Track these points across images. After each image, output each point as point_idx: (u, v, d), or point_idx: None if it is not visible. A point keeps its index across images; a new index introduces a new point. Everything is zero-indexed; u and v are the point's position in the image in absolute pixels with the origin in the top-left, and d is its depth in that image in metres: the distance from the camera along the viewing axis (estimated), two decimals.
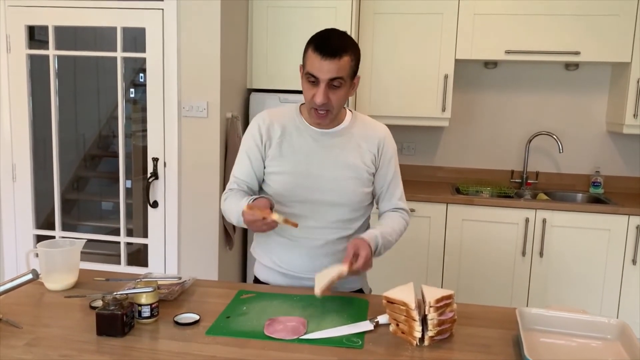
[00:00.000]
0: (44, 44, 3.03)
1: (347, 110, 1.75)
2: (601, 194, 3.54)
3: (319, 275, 1.50)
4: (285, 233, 1.69)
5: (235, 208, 1.60)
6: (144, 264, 3.09)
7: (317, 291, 1.45)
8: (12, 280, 1.34)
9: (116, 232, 3.13)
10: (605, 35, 3.23)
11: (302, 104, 1.73)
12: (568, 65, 3.61)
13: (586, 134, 3.68)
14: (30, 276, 1.33)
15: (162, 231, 3.01)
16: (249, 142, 1.71)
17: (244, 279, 3.46)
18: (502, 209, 3.22)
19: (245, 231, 3.44)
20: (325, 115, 1.60)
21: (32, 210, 3.15)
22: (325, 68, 1.52)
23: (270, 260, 1.74)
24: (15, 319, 1.37)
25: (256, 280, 1.81)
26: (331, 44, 1.53)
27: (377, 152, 1.71)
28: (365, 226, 1.77)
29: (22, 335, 1.30)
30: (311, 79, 1.56)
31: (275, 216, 1.44)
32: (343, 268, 1.47)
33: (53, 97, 3.03)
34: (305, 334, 1.34)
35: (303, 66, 1.61)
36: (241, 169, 1.72)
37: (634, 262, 3.11)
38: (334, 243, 1.68)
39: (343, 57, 1.53)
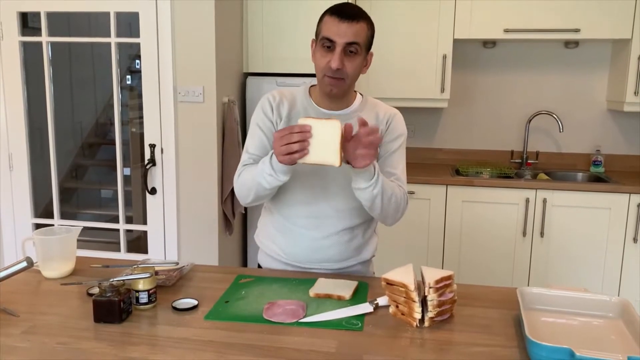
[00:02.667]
0: (37, 31, 3.00)
1: (358, 94, 1.70)
2: (602, 173, 3.52)
3: (323, 282, 1.52)
4: (289, 222, 1.66)
5: (258, 167, 1.51)
6: (144, 251, 3.09)
7: (311, 293, 1.46)
8: (6, 268, 1.33)
9: (115, 219, 3.12)
10: (605, 11, 3.18)
11: (312, 85, 1.68)
12: (568, 43, 3.57)
13: (586, 112, 3.65)
14: (24, 264, 1.32)
15: (161, 218, 3.00)
16: (260, 116, 1.65)
17: (244, 264, 3.46)
18: (503, 189, 3.20)
19: (244, 216, 3.43)
20: (338, 82, 1.54)
21: (30, 199, 3.14)
22: (342, 31, 1.49)
23: (273, 250, 1.72)
24: (12, 307, 1.36)
25: (260, 268, 1.79)
26: (348, 8, 1.53)
27: (385, 127, 1.66)
28: (372, 219, 1.71)
29: (19, 323, 1.29)
30: (327, 43, 1.52)
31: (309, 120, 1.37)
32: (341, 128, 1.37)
33: (48, 84, 3.00)
34: (304, 317, 1.33)
35: (317, 35, 1.57)
36: (254, 143, 1.65)
37: (635, 240, 3.10)
38: (339, 234, 1.65)
39: (360, 22, 1.52)
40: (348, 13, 1.51)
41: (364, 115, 1.65)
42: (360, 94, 1.71)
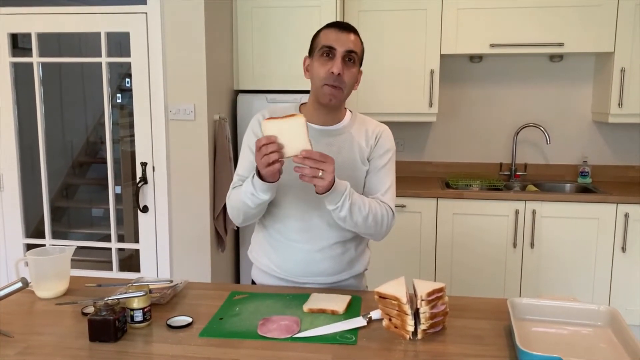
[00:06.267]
0: (27, 52, 3.01)
1: (347, 110, 1.73)
2: (589, 184, 3.57)
3: (316, 297, 1.54)
4: (282, 237, 1.68)
5: (243, 188, 1.56)
6: (137, 269, 3.08)
7: (305, 308, 1.47)
8: (1, 289, 1.33)
9: (107, 238, 3.11)
10: (588, 25, 3.25)
11: (302, 104, 1.72)
12: (552, 57, 3.64)
13: (573, 124, 3.71)
14: (19, 284, 1.32)
15: (154, 236, 3.00)
16: (250, 137, 1.69)
17: (237, 280, 3.45)
18: (492, 201, 3.23)
19: (237, 233, 3.43)
20: (338, 91, 1.58)
21: (21, 219, 3.12)
22: (342, 39, 1.57)
23: (267, 265, 1.73)
24: (7, 329, 1.36)
25: (254, 284, 1.80)
26: (345, 23, 1.63)
27: (374, 142, 1.69)
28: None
29: (14, 344, 1.29)
30: (327, 52, 1.57)
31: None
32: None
33: (39, 104, 3.01)
34: (298, 332, 1.34)
35: (312, 50, 1.63)
36: (244, 165, 1.68)
37: (623, 249, 3.14)
38: (331, 248, 1.67)
39: (356, 36, 1.62)
40: (345, 26, 1.62)
41: (354, 131, 1.69)
42: (350, 110, 1.74)
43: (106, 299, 1.33)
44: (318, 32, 1.64)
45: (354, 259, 1.73)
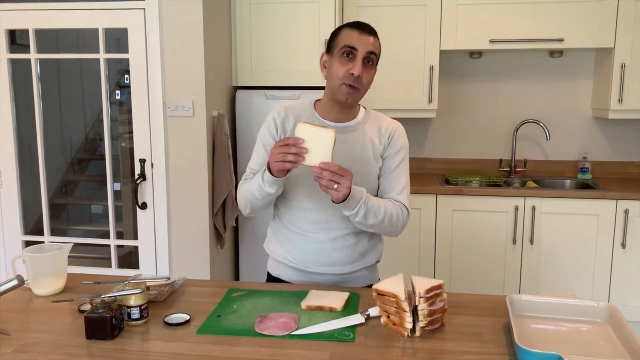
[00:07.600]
0: (25, 48, 3.00)
1: (361, 106, 1.76)
2: (589, 180, 3.56)
3: (314, 294, 1.54)
4: (295, 227, 1.70)
5: (253, 179, 1.62)
6: (136, 266, 3.08)
7: (303, 305, 1.47)
8: None
9: (106, 235, 3.11)
10: (588, 21, 3.24)
11: (317, 100, 1.75)
12: (552, 53, 3.62)
13: (572, 120, 3.69)
14: (15, 282, 1.31)
15: (152, 232, 3.00)
16: (264, 133, 1.72)
17: (236, 277, 3.45)
18: (492, 198, 3.23)
19: (236, 229, 3.42)
20: (355, 91, 1.61)
21: (20, 216, 3.12)
22: (364, 41, 1.60)
23: (282, 255, 1.75)
24: (3, 326, 1.35)
25: (269, 276, 1.82)
26: (366, 24, 1.65)
27: (387, 141, 1.72)
28: None
29: (10, 342, 1.29)
30: (348, 51, 1.59)
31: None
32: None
33: (37, 101, 3.00)
34: (296, 329, 1.34)
35: (331, 48, 1.64)
36: (257, 159, 1.72)
37: (623, 245, 3.13)
38: (343, 238, 1.69)
39: (376, 38, 1.65)
40: (367, 28, 1.64)
41: (367, 128, 1.72)
42: (364, 107, 1.77)
43: (103, 296, 1.32)
44: (338, 30, 1.65)
45: (366, 250, 1.75)
